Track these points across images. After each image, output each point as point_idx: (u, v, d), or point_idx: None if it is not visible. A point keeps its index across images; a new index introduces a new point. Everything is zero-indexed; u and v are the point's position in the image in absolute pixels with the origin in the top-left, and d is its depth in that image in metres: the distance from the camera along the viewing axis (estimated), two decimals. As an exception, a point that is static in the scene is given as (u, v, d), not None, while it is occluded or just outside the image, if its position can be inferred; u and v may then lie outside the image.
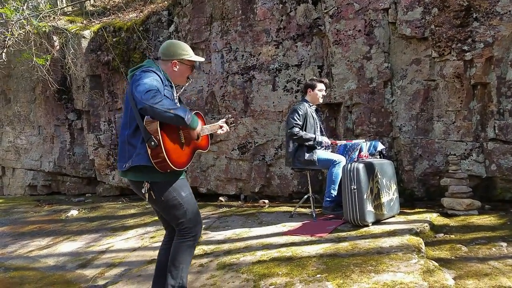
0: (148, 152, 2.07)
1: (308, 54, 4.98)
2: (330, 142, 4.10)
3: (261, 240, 3.37)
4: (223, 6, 5.52)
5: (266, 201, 5.13)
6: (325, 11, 4.77)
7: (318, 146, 4.00)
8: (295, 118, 3.97)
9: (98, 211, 5.74)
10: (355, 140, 4.20)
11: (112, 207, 5.92)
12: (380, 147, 3.93)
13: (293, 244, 3.17)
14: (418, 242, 2.88)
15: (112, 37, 6.45)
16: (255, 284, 2.55)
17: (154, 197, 2.18)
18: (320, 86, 4.14)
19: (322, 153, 3.98)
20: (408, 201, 4.32)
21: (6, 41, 6.50)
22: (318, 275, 2.50)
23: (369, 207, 3.35)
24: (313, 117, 4.09)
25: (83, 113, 7.04)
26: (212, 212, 4.77)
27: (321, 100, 4.20)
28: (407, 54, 4.39)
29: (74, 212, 5.75)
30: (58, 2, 8.57)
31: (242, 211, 4.69)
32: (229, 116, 2.67)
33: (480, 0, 3.91)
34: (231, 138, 5.46)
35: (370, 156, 3.81)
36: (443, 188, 3.93)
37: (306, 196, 4.14)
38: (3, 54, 6.71)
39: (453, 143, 4.16)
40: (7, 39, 6.47)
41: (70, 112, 7.28)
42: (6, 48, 6.63)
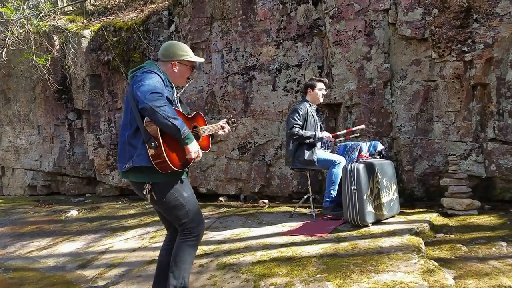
0: (149, 153, 2.07)
1: (308, 55, 4.98)
2: (331, 135, 4.08)
3: (261, 240, 3.37)
4: (224, 6, 5.52)
5: (266, 201, 5.13)
6: (325, 11, 4.78)
7: (319, 142, 4.00)
8: (295, 118, 3.97)
9: (98, 211, 5.74)
10: (354, 128, 4.20)
11: (112, 207, 5.92)
12: (380, 147, 3.94)
13: (293, 244, 3.17)
14: (418, 242, 2.88)
15: (112, 36, 6.45)
16: (255, 284, 2.55)
17: (155, 198, 2.18)
18: (320, 85, 4.14)
19: (322, 153, 3.98)
20: (408, 201, 4.33)
21: (6, 40, 6.49)
22: (318, 275, 2.50)
23: (369, 208, 3.35)
24: (313, 117, 4.10)
25: (83, 113, 7.04)
26: (212, 212, 4.77)
27: (321, 100, 4.21)
28: (407, 54, 4.40)
29: (74, 213, 5.75)
30: (59, 1, 8.57)
31: (242, 211, 4.69)
32: (230, 116, 2.67)
33: (480, 1, 3.92)
34: (231, 138, 5.47)
35: (370, 156, 3.81)
36: (442, 188, 3.94)
37: (306, 196, 4.14)
38: (3, 53, 6.69)
39: (452, 144, 4.17)
40: (7, 38, 6.46)
41: (70, 112, 7.28)
42: (6, 48, 6.61)
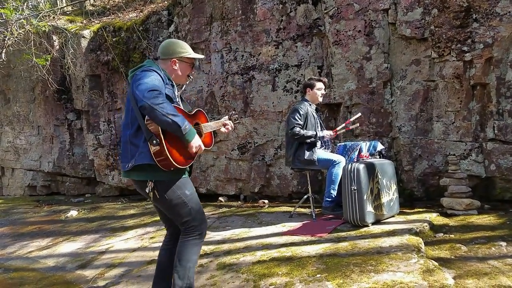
0: (151, 151, 2.05)
1: (308, 55, 4.98)
2: (333, 132, 4.06)
3: (261, 240, 3.37)
4: (223, 6, 5.52)
5: (266, 201, 5.14)
6: (325, 11, 4.78)
7: (320, 142, 4.00)
8: (296, 118, 3.96)
9: (97, 212, 5.74)
10: (352, 118, 4.18)
11: (112, 208, 5.91)
12: (379, 147, 3.94)
13: (293, 244, 3.17)
14: (417, 242, 2.88)
15: (112, 37, 6.44)
16: (255, 284, 2.55)
17: (158, 196, 2.16)
18: (319, 85, 4.14)
19: (322, 153, 3.98)
20: (407, 201, 4.33)
21: (6, 40, 6.49)
22: (318, 275, 2.50)
23: (369, 208, 3.35)
24: (314, 116, 4.09)
25: (82, 113, 7.03)
26: (211, 212, 4.77)
27: (320, 99, 4.20)
28: (407, 54, 4.40)
29: (73, 213, 5.74)
30: (58, 1, 8.56)
31: (242, 211, 4.69)
32: (232, 113, 2.66)
33: (480, 1, 3.92)
34: (230, 138, 5.47)
35: (370, 156, 3.81)
36: (442, 188, 3.94)
37: (305, 196, 4.14)
38: (3, 54, 6.69)
39: (452, 143, 4.17)
40: (6, 38, 6.45)
41: (70, 112, 7.27)
42: (5, 48, 6.61)
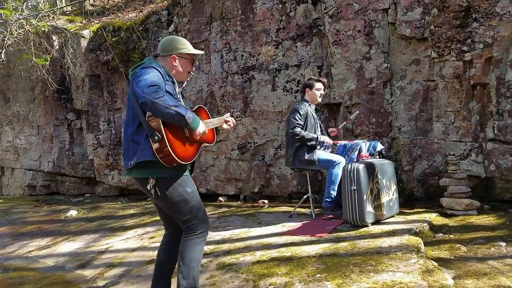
0: (153, 147, 2.03)
1: (308, 54, 4.98)
2: (332, 142, 4.08)
3: (260, 240, 3.37)
4: (223, 6, 5.52)
5: (266, 201, 5.14)
6: (324, 11, 4.78)
7: (319, 146, 4.00)
8: (296, 118, 3.96)
9: (97, 211, 5.74)
10: (355, 140, 4.21)
11: (112, 207, 5.91)
12: (379, 147, 3.94)
13: (292, 244, 3.17)
14: (417, 242, 2.88)
15: (111, 37, 6.44)
16: (255, 284, 2.55)
17: (159, 193, 2.13)
18: (318, 85, 4.14)
19: (322, 153, 3.98)
20: (407, 201, 4.33)
21: (5, 40, 6.48)
22: (318, 275, 2.50)
23: (368, 208, 3.35)
24: (313, 117, 4.09)
25: (82, 113, 7.03)
26: (211, 212, 4.77)
27: (319, 100, 4.20)
28: (407, 54, 4.40)
29: (73, 212, 5.74)
30: (58, 1, 8.56)
31: (242, 211, 4.69)
32: (234, 110, 2.64)
33: (479, 1, 3.92)
34: (230, 138, 5.47)
35: (370, 156, 3.81)
36: (442, 188, 3.94)
37: (305, 196, 4.14)
38: (2, 54, 6.69)
39: (452, 143, 4.16)
40: (6, 38, 6.45)
41: (69, 112, 7.27)
42: (5, 48, 6.61)
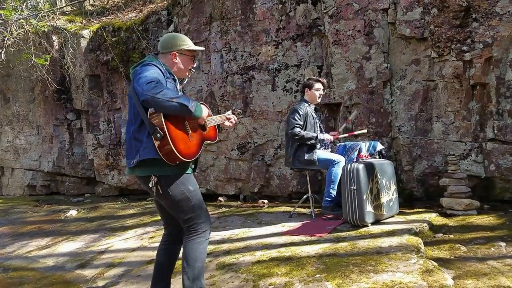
0: (155, 145, 2.02)
1: (308, 54, 4.98)
2: (332, 137, 4.07)
3: (260, 240, 3.37)
4: (223, 6, 5.52)
5: (266, 201, 5.14)
6: (324, 11, 4.78)
7: (320, 144, 4.00)
8: (295, 118, 3.96)
9: (97, 211, 5.74)
10: (351, 116, 4.23)
11: (111, 207, 5.91)
12: (379, 147, 3.93)
13: (292, 244, 3.17)
14: (417, 242, 2.88)
15: (111, 37, 6.44)
16: (255, 284, 2.55)
17: (161, 191, 2.12)
18: (317, 85, 4.13)
19: (321, 153, 3.98)
20: (407, 201, 4.33)
21: (5, 40, 6.49)
22: (318, 275, 2.50)
23: (368, 208, 3.35)
24: (313, 117, 4.09)
25: (82, 113, 7.03)
26: (211, 212, 4.77)
27: (319, 100, 4.20)
28: (407, 54, 4.39)
29: (73, 212, 5.74)
30: (57, 1, 8.56)
31: (242, 211, 4.69)
32: (236, 107, 2.63)
33: (479, 1, 3.91)
34: (230, 138, 5.46)
35: (369, 156, 3.81)
36: (442, 188, 3.94)
37: (305, 196, 4.14)
38: (2, 54, 6.69)
39: (452, 143, 4.16)
40: (6, 38, 6.45)
41: (69, 112, 7.27)
42: (5, 48, 6.62)
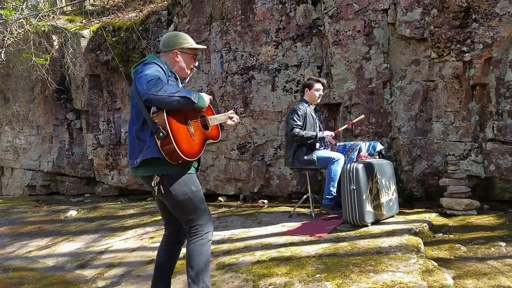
0: (158, 144, 2.01)
1: (308, 55, 4.98)
2: (333, 132, 4.06)
3: (260, 240, 3.37)
4: (223, 6, 5.52)
5: (265, 201, 5.14)
6: (324, 11, 4.78)
7: (320, 143, 4.00)
8: (294, 119, 3.96)
9: (97, 212, 5.74)
10: (355, 120, 4.22)
11: (111, 207, 5.91)
12: (379, 147, 3.94)
13: (292, 244, 3.17)
14: (417, 242, 2.88)
15: (111, 36, 6.44)
16: (255, 284, 2.55)
17: (163, 191, 2.10)
18: (317, 85, 4.13)
19: (321, 152, 3.98)
20: (407, 201, 4.33)
21: (5, 40, 6.49)
22: (317, 275, 2.50)
23: (368, 207, 3.35)
24: (312, 116, 4.09)
25: (82, 113, 7.03)
26: (211, 212, 4.75)
27: (318, 100, 4.20)
28: (406, 54, 4.40)
29: (73, 213, 5.74)
30: (58, 1, 8.56)
31: (241, 211, 4.69)
32: (238, 106, 2.63)
33: (479, 1, 3.92)
34: (230, 138, 5.47)
35: (369, 156, 3.81)
36: (442, 188, 3.94)
37: (305, 196, 4.14)
38: (2, 53, 6.69)
39: (452, 144, 4.17)
40: (6, 38, 6.45)
41: (69, 112, 7.27)
42: (5, 48, 6.61)
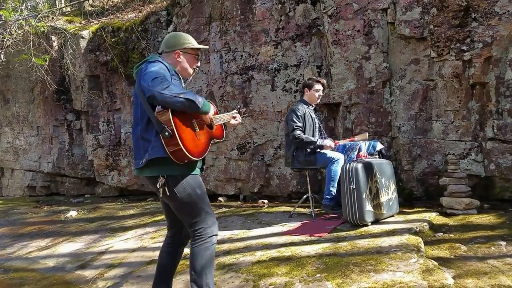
0: (163, 143, 1.99)
1: (307, 54, 4.98)
2: (333, 143, 3.99)
3: (260, 240, 3.37)
4: (222, 6, 5.52)
5: (265, 201, 5.14)
6: (324, 11, 4.78)
7: (319, 150, 3.99)
8: (294, 120, 3.96)
9: (97, 212, 5.74)
10: (357, 138, 4.18)
11: (111, 208, 5.91)
12: (379, 146, 3.94)
13: (292, 244, 3.17)
14: (417, 242, 2.88)
15: (110, 37, 6.44)
16: (255, 284, 2.55)
17: (168, 193, 2.08)
18: (317, 86, 4.13)
19: (320, 152, 3.97)
20: (407, 200, 4.33)
21: (5, 41, 6.49)
22: (318, 275, 2.50)
23: (368, 207, 3.35)
24: (311, 117, 4.09)
25: (82, 113, 7.03)
26: (211, 212, 4.76)
27: (318, 100, 4.20)
28: (406, 54, 4.40)
29: (73, 213, 5.74)
30: (57, 2, 8.56)
31: (242, 211, 4.69)
32: (240, 106, 2.63)
33: (479, 0, 3.92)
34: (230, 138, 5.46)
35: (369, 156, 3.81)
36: (442, 188, 3.94)
37: (305, 196, 4.14)
38: (2, 54, 6.69)
39: (452, 143, 4.17)
40: (5, 39, 6.45)
41: (69, 113, 7.27)
42: (4, 49, 6.62)
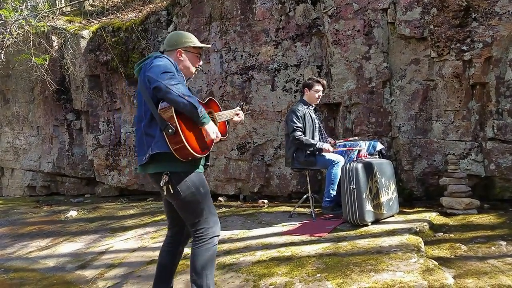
0: (167, 140, 1.98)
1: (307, 54, 4.98)
2: (332, 149, 3.98)
3: (260, 240, 3.37)
4: (222, 6, 5.52)
5: (266, 201, 5.14)
6: (324, 11, 4.78)
7: (318, 153, 3.99)
8: (294, 121, 3.95)
9: (97, 212, 5.74)
10: (353, 138, 4.19)
11: (112, 208, 5.91)
12: (379, 146, 3.94)
13: (292, 244, 3.17)
14: (417, 241, 2.88)
15: (111, 37, 6.44)
16: (255, 284, 2.55)
17: (172, 190, 2.07)
18: (317, 86, 4.12)
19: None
20: (407, 200, 4.33)
21: (5, 41, 6.49)
22: (318, 275, 2.50)
23: (368, 207, 3.35)
24: (311, 117, 4.09)
25: (82, 113, 7.03)
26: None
27: (318, 101, 4.20)
28: (406, 54, 4.40)
29: (73, 213, 5.74)
30: (57, 2, 8.56)
31: (242, 211, 4.69)
32: (243, 103, 2.63)
33: (479, 0, 3.92)
34: (230, 138, 5.46)
35: (369, 156, 3.81)
36: (442, 188, 3.94)
37: (305, 196, 4.14)
38: (2, 54, 6.70)
39: (452, 143, 4.17)
40: (5, 39, 6.46)
41: (69, 113, 7.27)
42: (4, 48, 6.62)
